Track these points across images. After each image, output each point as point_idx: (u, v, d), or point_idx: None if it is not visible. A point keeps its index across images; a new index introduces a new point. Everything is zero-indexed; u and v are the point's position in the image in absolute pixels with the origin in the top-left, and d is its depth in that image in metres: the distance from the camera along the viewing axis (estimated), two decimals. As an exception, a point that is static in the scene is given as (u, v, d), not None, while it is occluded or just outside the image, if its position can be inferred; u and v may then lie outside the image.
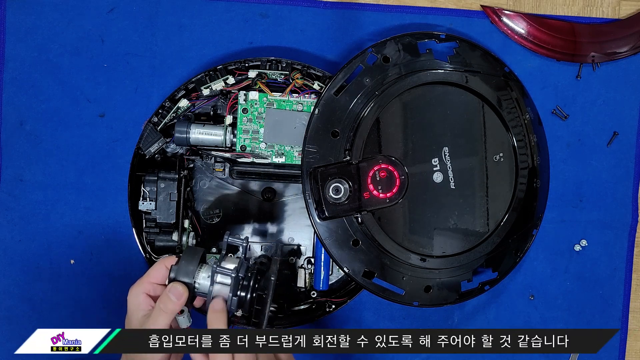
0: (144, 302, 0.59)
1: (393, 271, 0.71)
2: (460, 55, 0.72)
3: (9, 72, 0.74)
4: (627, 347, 0.80)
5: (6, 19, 0.73)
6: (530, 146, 0.73)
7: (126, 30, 0.74)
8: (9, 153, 0.74)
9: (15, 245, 0.74)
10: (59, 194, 0.74)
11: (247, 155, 0.72)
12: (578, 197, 0.78)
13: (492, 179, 0.72)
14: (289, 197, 0.75)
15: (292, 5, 0.75)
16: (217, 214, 0.75)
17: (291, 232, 0.76)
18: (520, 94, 0.74)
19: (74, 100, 0.74)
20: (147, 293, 0.60)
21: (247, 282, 0.59)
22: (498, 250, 0.72)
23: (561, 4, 0.78)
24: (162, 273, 0.60)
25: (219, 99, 0.73)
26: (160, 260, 0.61)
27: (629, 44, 0.77)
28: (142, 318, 0.59)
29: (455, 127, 0.71)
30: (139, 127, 0.73)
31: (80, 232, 0.74)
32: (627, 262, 0.79)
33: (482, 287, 0.73)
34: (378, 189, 0.69)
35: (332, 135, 0.70)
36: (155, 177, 0.71)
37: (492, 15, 0.77)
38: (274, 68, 0.72)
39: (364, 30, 0.76)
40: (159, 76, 0.75)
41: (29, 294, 0.74)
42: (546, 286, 0.78)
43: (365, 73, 0.70)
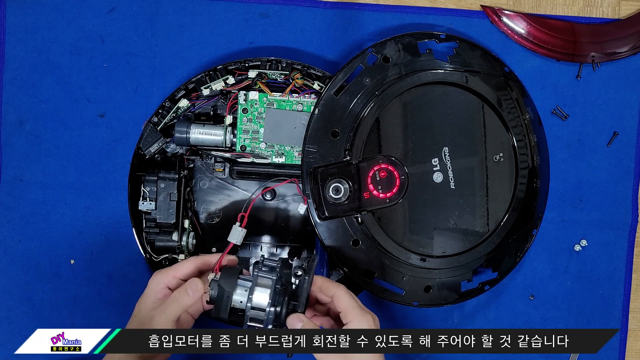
0: (161, 291, 0.62)
1: (393, 271, 0.71)
2: (460, 55, 0.72)
3: (9, 72, 0.74)
4: (627, 347, 0.80)
5: (6, 19, 0.73)
6: (530, 146, 0.73)
7: (126, 30, 0.74)
8: (9, 153, 0.74)
9: (15, 245, 0.74)
10: (59, 194, 0.74)
11: (247, 155, 0.72)
12: (578, 197, 0.78)
13: (492, 179, 0.72)
14: (289, 197, 0.75)
15: (292, 5, 0.75)
16: (217, 214, 0.75)
17: (291, 232, 0.76)
18: (520, 94, 0.74)
19: (74, 100, 0.74)
20: (168, 285, 0.62)
21: (282, 298, 0.59)
22: (498, 250, 0.73)
23: (561, 4, 0.78)
24: (189, 270, 0.63)
25: (219, 99, 0.73)
26: (192, 259, 0.64)
27: (629, 44, 0.77)
28: (154, 302, 0.62)
29: (455, 127, 0.71)
30: (139, 127, 0.73)
31: (80, 232, 0.74)
32: (627, 262, 0.79)
33: (482, 287, 0.73)
34: (378, 189, 0.69)
35: (332, 135, 0.70)
36: (155, 177, 0.71)
37: (492, 15, 0.77)
38: (274, 68, 0.72)
39: (364, 30, 0.76)
40: (159, 76, 0.75)
41: (29, 294, 0.74)
42: (546, 286, 0.78)
43: (365, 73, 0.70)
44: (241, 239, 0.67)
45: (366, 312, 0.60)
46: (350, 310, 0.59)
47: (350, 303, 0.60)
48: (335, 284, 0.61)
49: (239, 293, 0.60)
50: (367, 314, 0.59)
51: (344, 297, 0.60)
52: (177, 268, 0.63)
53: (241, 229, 0.66)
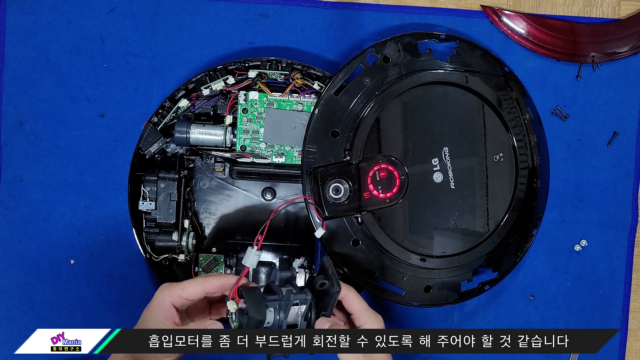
0: (167, 310, 0.60)
1: (393, 271, 0.71)
2: (460, 55, 0.72)
3: (9, 72, 0.74)
4: (627, 347, 0.80)
5: (6, 19, 0.73)
6: (530, 146, 0.73)
7: (126, 30, 0.74)
8: (9, 153, 0.74)
9: (15, 245, 0.74)
10: (59, 194, 0.74)
11: (247, 155, 0.72)
12: (578, 197, 0.78)
13: (492, 179, 0.72)
14: (289, 197, 0.75)
15: (292, 5, 0.75)
16: (217, 215, 0.75)
17: (291, 232, 0.76)
18: (520, 94, 0.74)
19: (74, 100, 0.74)
20: (174, 304, 0.60)
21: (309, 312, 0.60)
22: (498, 250, 0.73)
23: (561, 4, 0.78)
24: (196, 292, 0.60)
25: (219, 99, 0.73)
26: (199, 280, 0.61)
27: (629, 44, 0.77)
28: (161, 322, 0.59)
29: (455, 127, 0.71)
30: (139, 127, 0.73)
31: (80, 232, 0.74)
32: (627, 262, 0.79)
33: (482, 287, 0.73)
34: (378, 189, 0.69)
35: (332, 135, 0.70)
36: (155, 177, 0.71)
37: (492, 15, 0.77)
38: (274, 68, 0.72)
39: (364, 30, 0.76)
40: (159, 76, 0.75)
41: (29, 294, 0.74)
42: (546, 286, 0.78)
43: (365, 73, 0.70)
44: (256, 263, 0.63)
45: (375, 313, 0.62)
46: (363, 312, 0.62)
47: (361, 305, 0.62)
48: (345, 285, 0.62)
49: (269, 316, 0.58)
50: (377, 315, 0.62)
51: (355, 299, 0.62)
52: (183, 288, 0.60)
53: (257, 252, 0.63)
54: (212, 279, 0.60)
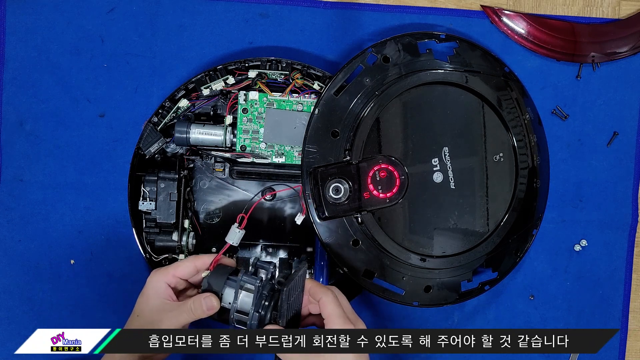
0: (164, 291, 0.62)
1: (393, 271, 0.71)
2: (460, 55, 0.72)
3: (9, 72, 0.74)
4: (627, 347, 0.80)
5: (6, 19, 0.73)
6: (530, 146, 0.73)
7: (126, 30, 0.74)
8: (9, 153, 0.74)
9: (15, 245, 0.74)
10: (59, 194, 0.74)
11: (247, 155, 0.72)
12: (578, 197, 0.78)
13: (492, 179, 0.72)
14: (289, 197, 0.75)
15: (292, 5, 0.75)
16: (217, 214, 0.75)
17: (291, 232, 0.76)
18: (520, 94, 0.74)
19: (74, 100, 0.74)
20: (168, 283, 0.62)
21: (267, 302, 0.59)
22: (498, 250, 0.72)
23: (561, 4, 0.78)
24: (189, 270, 0.63)
25: (219, 99, 0.73)
26: (191, 258, 0.63)
27: (629, 44, 0.77)
28: (160, 303, 0.61)
29: (455, 127, 0.71)
30: (139, 127, 0.73)
31: (80, 232, 0.74)
32: (627, 262, 0.79)
33: (482, 287, 0.73)
34: (378, 189, 0.69)
35: (332, 135, 0.70)
36: (155, 177, 0.71)
37: (492, 15, 0.77)
38: (274, 68, 0.72)
39: (364, 30, 0.76)
40: (159, 76, 0.75)
41: (29, 294, 0.74)
42: (546, 286, 0.78)
43: (365, 73, 0.70)
44: (239, 240, 0.66)
45: (348, 322, 0.57)
46: (333, 318, 0.57)
47: (334, 311, 0.58)
48: (324, 288, 0.59)
49: (227, 293, 0.60)
50: (349, 324, 0.57)
51: (329, 304, 0.58)
52: (176, 267, 0.63)
53: (239, 230, 0.66)
54: (203, 256, 0.63)
